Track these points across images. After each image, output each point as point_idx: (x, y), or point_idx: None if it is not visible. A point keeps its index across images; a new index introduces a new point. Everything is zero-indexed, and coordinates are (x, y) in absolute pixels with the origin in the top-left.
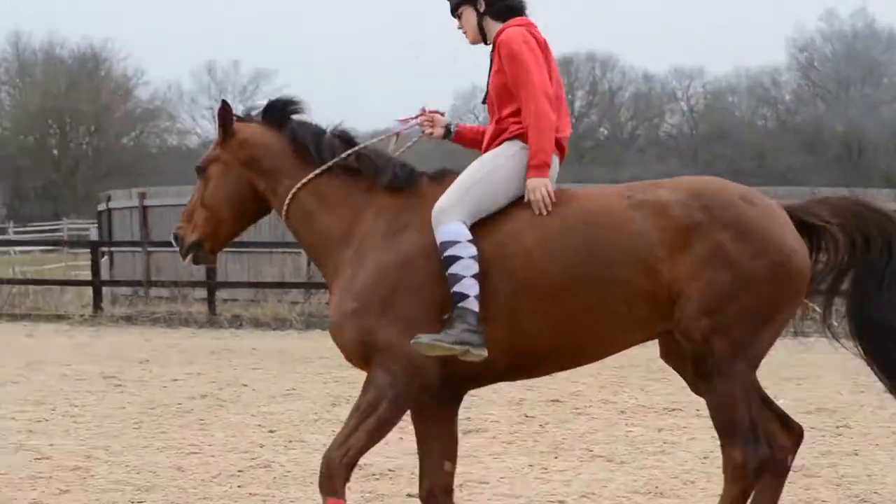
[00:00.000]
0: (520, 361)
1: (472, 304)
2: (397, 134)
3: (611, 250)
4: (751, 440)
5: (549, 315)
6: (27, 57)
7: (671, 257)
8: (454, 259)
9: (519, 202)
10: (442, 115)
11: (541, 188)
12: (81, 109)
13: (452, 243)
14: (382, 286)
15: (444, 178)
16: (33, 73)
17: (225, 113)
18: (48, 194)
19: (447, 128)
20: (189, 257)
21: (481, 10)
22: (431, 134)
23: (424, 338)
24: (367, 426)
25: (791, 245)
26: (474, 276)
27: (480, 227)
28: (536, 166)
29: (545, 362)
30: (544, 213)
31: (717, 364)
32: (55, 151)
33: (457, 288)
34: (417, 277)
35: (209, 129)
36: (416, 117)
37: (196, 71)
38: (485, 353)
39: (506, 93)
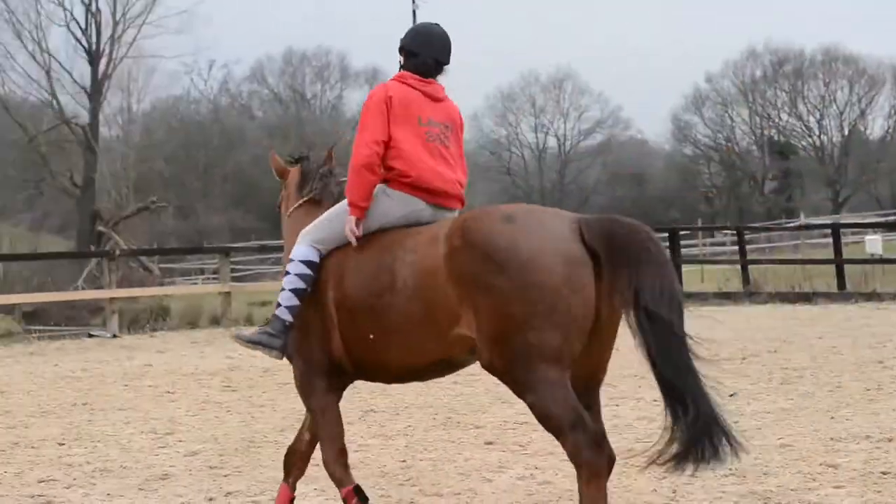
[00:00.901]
0: (357, 366)
1: (283, 313)
2: None
3: (396, 278)
4: (575, 427)
5: (357, 330)
6: None
7: (444, 284)
8: (286, 273)
9: (368, 235)
10: None
11: (349, 223)
12: None
13: (291, 261)
14: None
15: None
16: None
17: (273, 161)
18: None
19: None
20: None
21: (400, 62)
22: None
23: (239, 333)
24: (318, 421)
25: (533, 252)
26: (293, 290)
27: (336, 252)
28: (349, 204)
29: (372, 370)
30: (353, 243)
31: (512, 382)
32: None
33: (278, 297)
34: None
35: None
36: None
37: None
38: (276, 355)
39: None
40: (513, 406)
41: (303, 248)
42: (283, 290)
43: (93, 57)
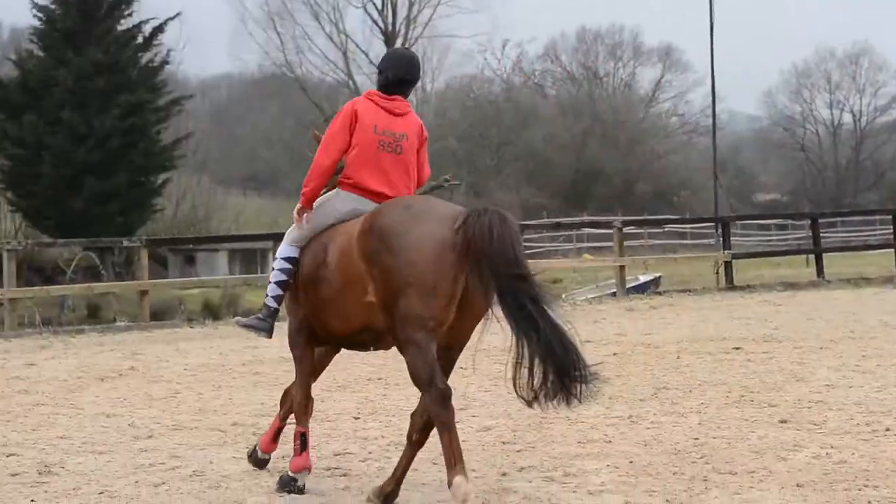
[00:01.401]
0: (319, 330)
1: (270, 302)
2: None
3: (328, 256)
4: (430, 384)
5: (309, 299)
6: None
7: (356, 259)
8: (272, 269)
9: (325, 228)
10: None
11: (297, 210)
12: None
13: (276, 258)
14: None
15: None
16: None
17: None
18: None
19: None
20: None
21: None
22: None
23: (238, 319)
24: (296, 367)
25: (413, 236)
26: (277, 283)
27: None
28: (302, 196)
29: (325, 335)
30: (300, 223)
31: (395, 341)
32: None
33: (267, 289)
34: None
35: None
36: None
37: None
38: (265, 335)
39: None
40: (807, 384)
41: (284, 246)
42: (269, 282)
43: (388, 37)
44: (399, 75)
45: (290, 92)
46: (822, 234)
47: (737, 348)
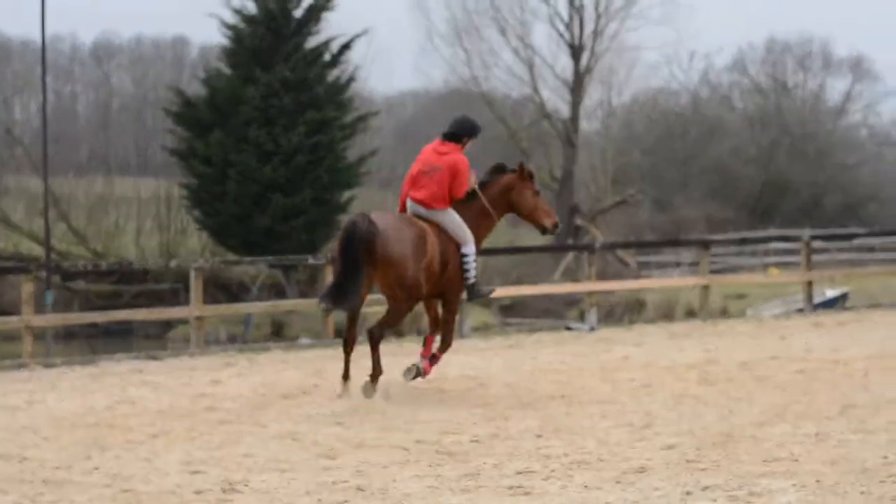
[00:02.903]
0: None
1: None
2: None
3: None
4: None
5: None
6: None
7: None
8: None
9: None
10: None
11: None
12: None
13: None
14: None
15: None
16: None
17: None
18: None
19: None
20: None
21: None
22: None
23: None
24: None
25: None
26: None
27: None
28: None
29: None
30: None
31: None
32: None
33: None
34: None
35: None
36: None
37: None
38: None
39: None
40: None
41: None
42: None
43: (575, 51)
44: (448, 130)
45: (475, 107)
46: None
47: None
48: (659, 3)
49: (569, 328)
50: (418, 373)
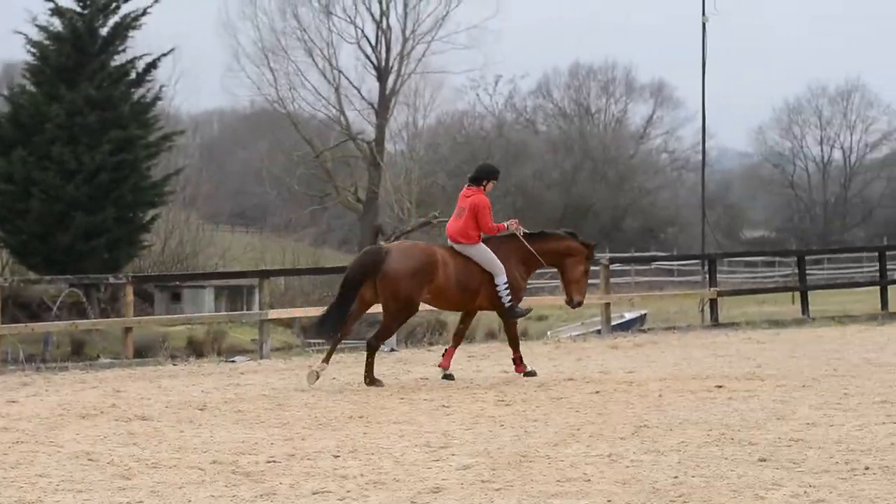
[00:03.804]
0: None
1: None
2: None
3: None
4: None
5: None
6: None
7: None
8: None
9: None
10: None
11: None
12: None
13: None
14: None
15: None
16: None
17: None
18: None
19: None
20: None
21: None
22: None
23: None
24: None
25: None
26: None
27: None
28: None
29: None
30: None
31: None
32: None
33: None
34: None
35: None
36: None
37: None
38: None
39: None
40: (788, 422)
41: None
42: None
43: (381, 73)
44: (472, 175)
45: (281, 128)
46: (809, 272)
47: (719, 386)
48: (466, 28)
49: None
50: (447, 377)
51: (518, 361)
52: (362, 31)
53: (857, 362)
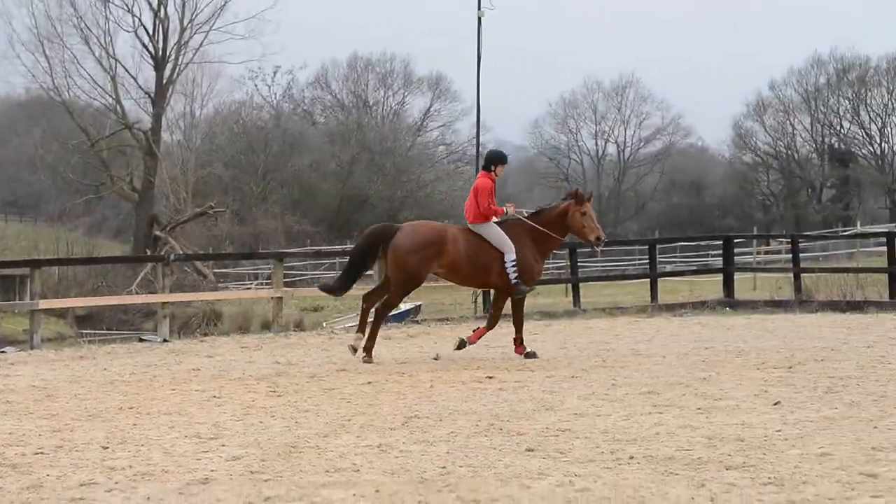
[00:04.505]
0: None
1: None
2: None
3: None
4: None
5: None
6: None
7: None
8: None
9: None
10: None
11: None
12: None
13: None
14: None
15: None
16: None
17: None
18: None
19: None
20: None
21: None
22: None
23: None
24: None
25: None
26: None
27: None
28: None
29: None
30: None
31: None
32: None
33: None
34: None
35: None
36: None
37: None
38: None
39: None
40: (556, 412)
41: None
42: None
43: (158, 62)
44: (483, 163)
45: (56, 116)
46: (581, 264)
47: (490, 377)
48: (244, 18)
49: (142, 339)
50: (462, 344)
51: (518, 342)
52: (140, 19)
53: (625, 353)
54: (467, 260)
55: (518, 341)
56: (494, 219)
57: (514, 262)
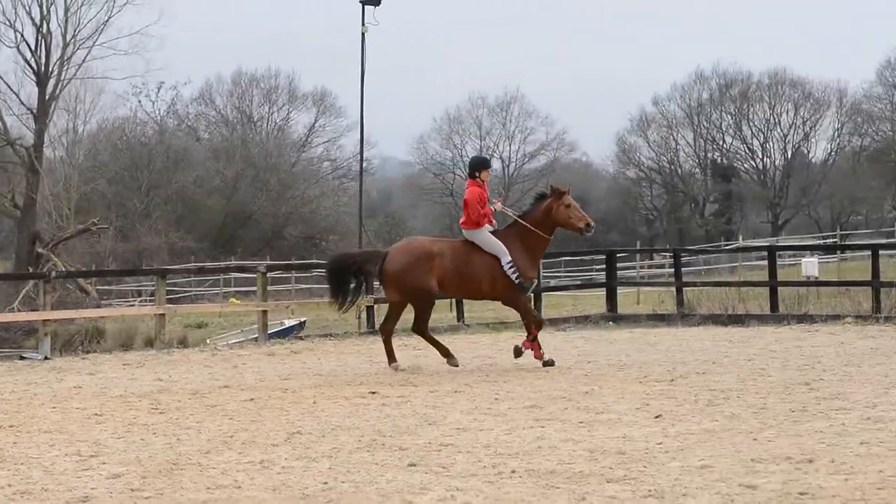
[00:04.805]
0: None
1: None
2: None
3: None
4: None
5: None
6: None
7: None
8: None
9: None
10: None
11: None
12: None
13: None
14: None
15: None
16: None
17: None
18: None
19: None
20: None
21: None
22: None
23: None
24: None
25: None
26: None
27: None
28: None
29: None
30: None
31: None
32: None
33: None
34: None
35: None
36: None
37: None
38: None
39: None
40: (439, 427)
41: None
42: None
43: (41, 78)
44: (468, 171)
45: None
46: None
47: (373, 392)
48: (128, 34)
49: (23, 357)
50: (520, 352)
51: (535, 347)
52: (22, 34)
53: (508, 367)
54: (455, 272)
55: (535, 347)
56: (488, 227)
57: (510, 263)
